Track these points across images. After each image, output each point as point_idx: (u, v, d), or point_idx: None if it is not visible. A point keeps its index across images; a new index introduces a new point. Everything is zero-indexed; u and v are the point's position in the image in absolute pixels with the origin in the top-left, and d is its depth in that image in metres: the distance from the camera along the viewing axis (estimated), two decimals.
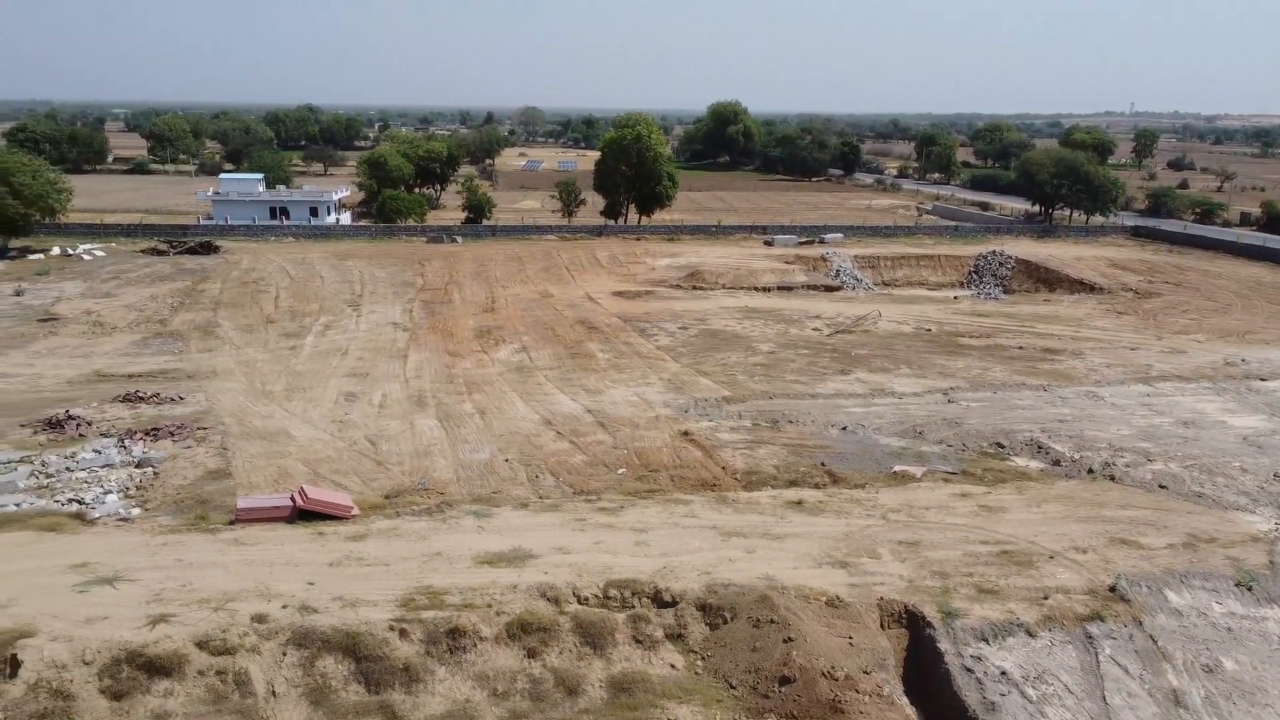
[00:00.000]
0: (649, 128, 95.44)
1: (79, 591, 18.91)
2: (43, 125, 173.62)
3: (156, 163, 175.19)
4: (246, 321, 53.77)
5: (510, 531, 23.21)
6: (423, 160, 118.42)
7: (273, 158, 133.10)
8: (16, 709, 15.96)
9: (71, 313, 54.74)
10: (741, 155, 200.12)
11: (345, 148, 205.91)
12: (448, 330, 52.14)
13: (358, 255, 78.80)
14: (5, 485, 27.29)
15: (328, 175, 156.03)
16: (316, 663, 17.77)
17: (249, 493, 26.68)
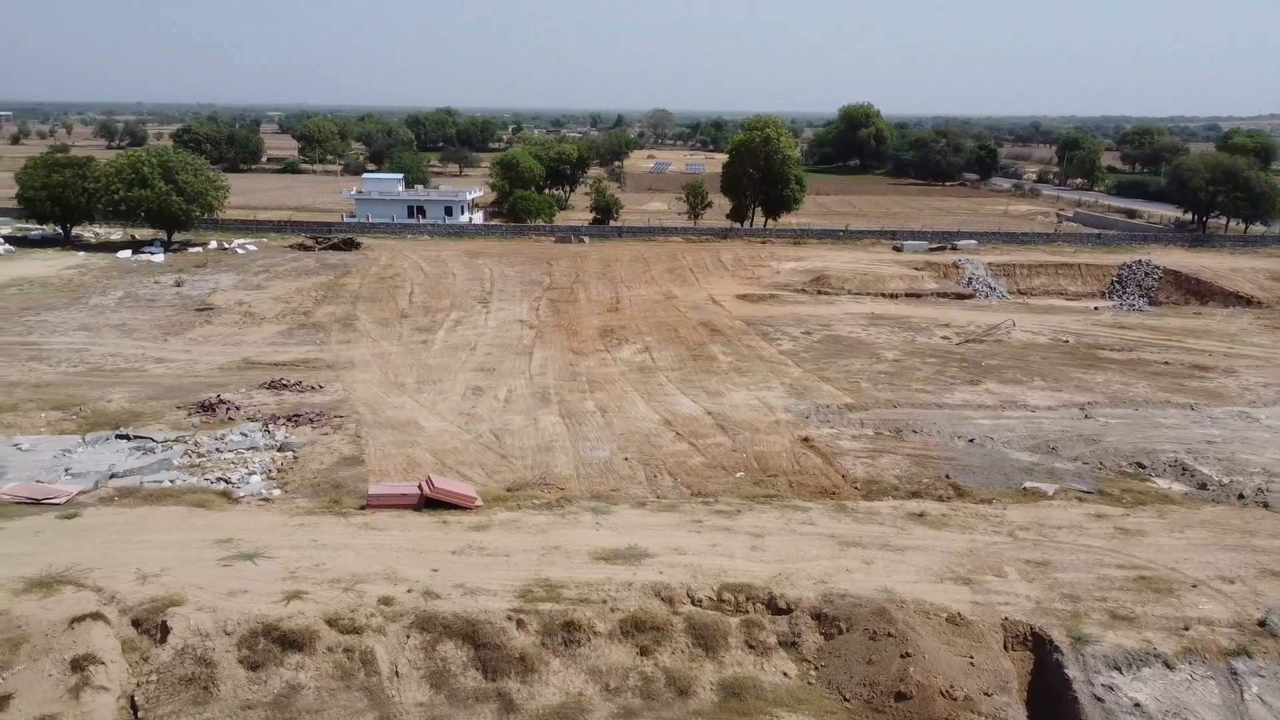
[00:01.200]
0: (778, 130, 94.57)
1: (223, 565, 20.08)
2: (205, 127, 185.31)
3: (306, 163, 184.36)
4: (383, 315, 55.98)
5: (627, 529, 23.42)
6: (553, 162, 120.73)
7: (412, 158, 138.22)
8: (166, 671, 17.08)
9: (225, 303, 58.18)
10: (872, 159, 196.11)
11: (480, 149, 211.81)
12: (572, 329, 52.99)
13: (488, 254, 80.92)
14: (162, 463, 29.25)
15: (463, 176, 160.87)
16: (437, 647, 18.35)
17: (380, 480, 27.78)
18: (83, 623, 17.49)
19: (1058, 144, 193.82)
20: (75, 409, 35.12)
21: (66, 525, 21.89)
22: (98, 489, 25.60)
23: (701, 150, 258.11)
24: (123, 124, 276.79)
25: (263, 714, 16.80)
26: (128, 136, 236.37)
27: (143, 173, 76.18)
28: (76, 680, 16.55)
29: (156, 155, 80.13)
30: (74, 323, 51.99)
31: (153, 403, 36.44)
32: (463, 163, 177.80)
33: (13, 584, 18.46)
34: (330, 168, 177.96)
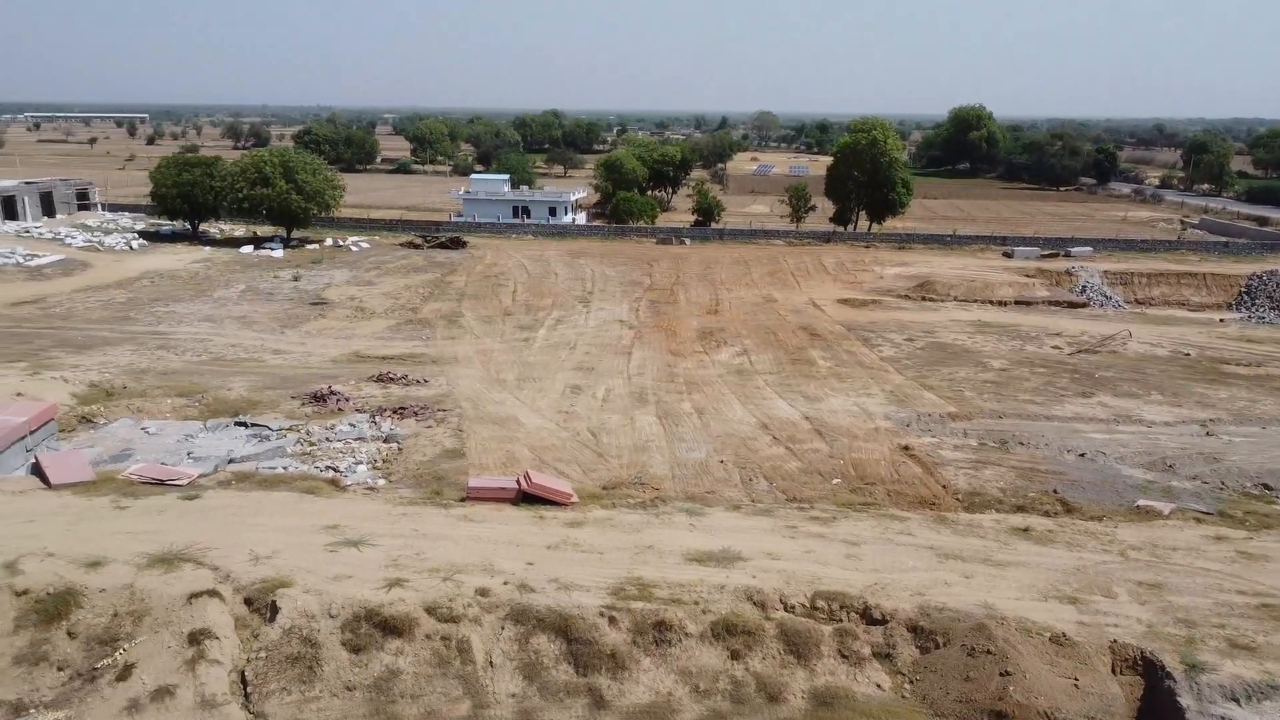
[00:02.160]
0: (884, 132, 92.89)
1: (329, 550, 20.82)
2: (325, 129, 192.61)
3: (417, 163, 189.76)
4: (486, 313, 57.19)
5: (721, 532, 23.36)
6: (657, 164, 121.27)
7: (518, 160, 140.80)
8: (274, 649, 17.82)
9: (338, 298, 60.36)
10: (983, 162, 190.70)
11: (585, 151, 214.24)
12: (671, 330, 53.12)
13: (590, 254, 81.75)
14: (276, 450, 30.54)
15: (567, 177, 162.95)
16: (531, 639, 18.64)
17: (480, 473, 28.40)
18: (200, 599, 18.36)
19: (1183, 147, 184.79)
20: (198, 396, 36.96)
21: (187, 506, 23.04)
22: (217, 473, 26.87)
23: (805, 153, 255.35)
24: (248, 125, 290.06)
25: (363, 696, 17.36)
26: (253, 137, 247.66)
27: (265, 172, 79.69)
28: (193, 653, 17.39)
29: (278, 155, 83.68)
30: (199, 314, 54.72)
31: (269, 392, 38.07)
32: (567, 164, 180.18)
33: (137, 559, 19.54)
34: (440, 168, 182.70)
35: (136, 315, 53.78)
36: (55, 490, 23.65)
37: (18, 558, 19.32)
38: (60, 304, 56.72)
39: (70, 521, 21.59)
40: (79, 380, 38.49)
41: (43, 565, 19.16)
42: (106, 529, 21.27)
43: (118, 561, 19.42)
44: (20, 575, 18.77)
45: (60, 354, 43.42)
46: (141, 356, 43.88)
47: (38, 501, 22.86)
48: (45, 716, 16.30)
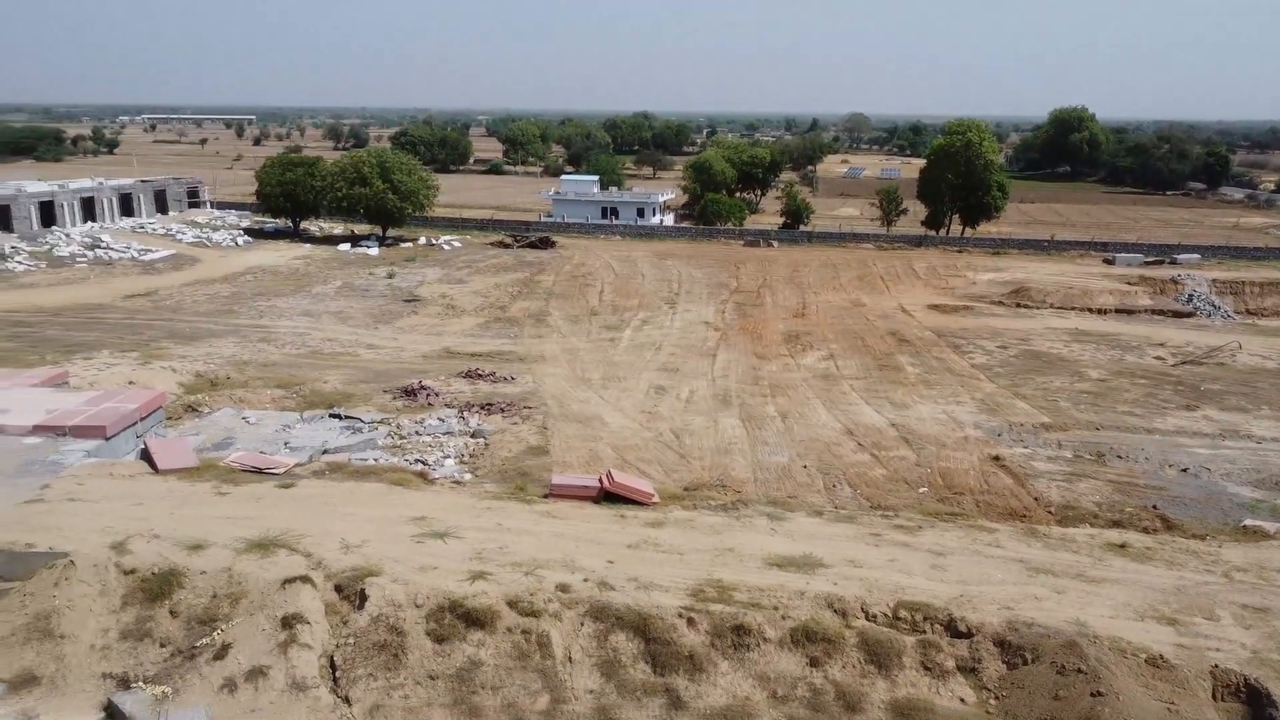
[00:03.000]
0: (980, 134, 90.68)
1: (416, 541, 21.32)
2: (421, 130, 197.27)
3: (509, 164, 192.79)
4: (573, 312, 57.76)
5: (802, 537, 23.14)
6: (746, 165, 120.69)
7: (608, 161, 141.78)
8: (362, 636, 18.34)
9: (430, 295, 61.76)
10: (1084, 165, 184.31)
11: (674, 152, 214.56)
12: (757, 333, 52.82)
13: (677, 255, 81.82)
14: (368, 442, 31.41)
15: (656, 178, 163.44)
16: (610, 637, 18.77)
17: (563, 470, 28.72)
18: (293, 584, 19.01)
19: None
20: (296, 388, 38.25)
21: (283, 494, 23.87)
22: (311, 462, 27.76)
23: (898, 155, 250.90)
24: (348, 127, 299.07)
25: (446, 685, 17.73)
26: (352, 138, 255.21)
27: (363, 172, 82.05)
28: (285, 636, 18.00)
29: (376, 156, 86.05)
30: (298, 309, 56.63)
31: (362, 385, 39.17)
32: (656, 165, 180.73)
33: (236, 544, 20.33)
34: (531, 169, 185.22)
35: (240, 309, 55.95)
36: (162, 475, 24.76)
37: (126, 538, 20.31)
38: (170, 297, 59.38)
39: (175, 505, 22.59)
40: (186, 370, 40.25)
41: (149, 546, 20.10)
42: (208, 513, 22.19)
43: (218, 545, 20.24)
44: (128, 555, 19.73)
45: (169, 345, 45.47)
46: (244, 349, 45.63)
47: (146, 485, 23.98)
48: (148, 690, 17.10)
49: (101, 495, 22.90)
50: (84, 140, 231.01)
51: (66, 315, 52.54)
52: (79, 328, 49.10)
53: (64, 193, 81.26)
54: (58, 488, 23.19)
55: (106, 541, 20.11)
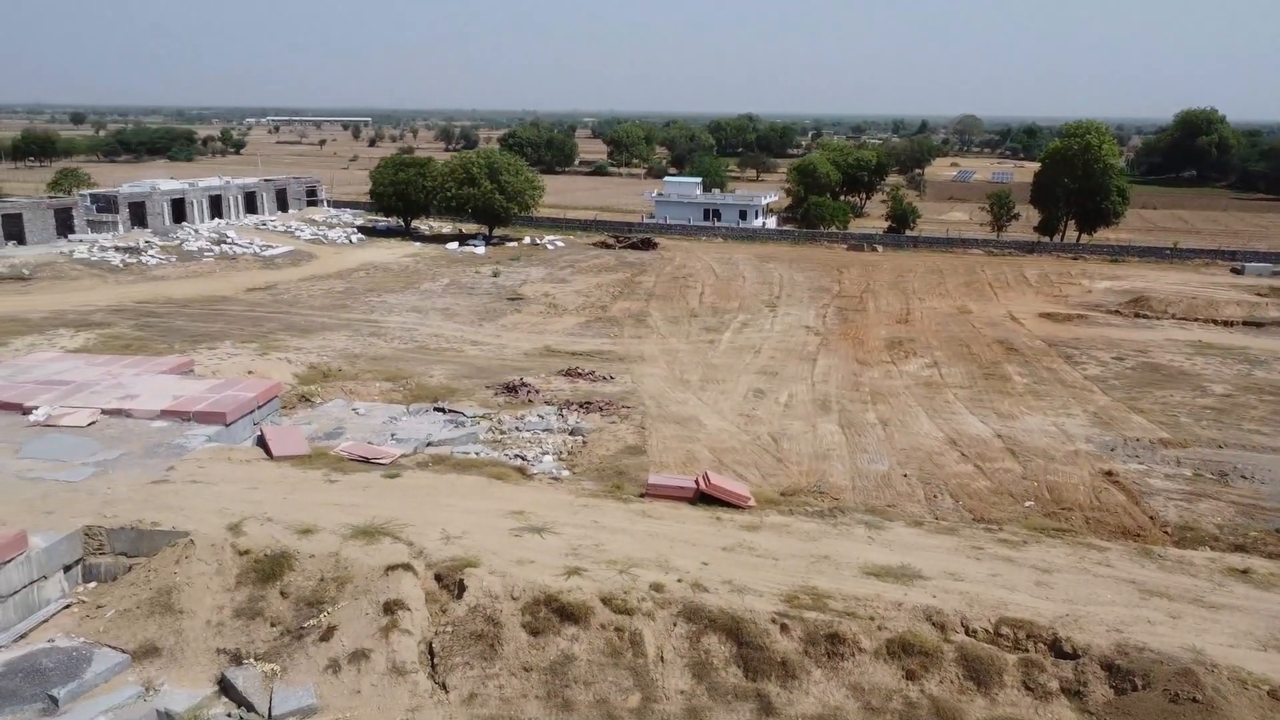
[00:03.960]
0: (1099, 137, 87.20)
1: (514, 535, 21.72)
2: (528, 132, 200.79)
3: (613, 166, 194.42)
4: (673, 314, 57.90)
5: (901, 547, 22.68)
6: (851, 168, 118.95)
7: (711, 163, 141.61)
8: (460, 625, 18.78)
9: (533, 294, 62.80)
10: (1212, 170, 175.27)
11: (778, 155, 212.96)
12: (858, 338, 52.00)
13: (779, 258, 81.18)
14: (470, 436, 32.14)
15: (759, 181, 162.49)
16: (702, 639, 18.76)
17: (659, 471, 28.83)
18: (395, 571, 19.59)
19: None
20: (403, 381, 39.42)
21: (389, 484, 24.62)
22: (416, 454, 28.54)
23: (1011, 158, 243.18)
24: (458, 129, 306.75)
25: (539, 677, 18.01)
26: (463, 140, 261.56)
27: (472, 173, 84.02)
28: (387, 622, 18.57)
29: (484, 157, 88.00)
30: (407, 305, 58.33)
31: (466, 381, 40.10)
32: (760, 168, 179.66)
33: (343, 530, 21.07)
34: (635, 171, 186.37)
35: (352, 304, 57.95)
36: (276, 461, 25.84)
37: (242, 520, 21.28)
38: (288, 291, 61.92)
39: (287, 490, 23.56)
40: (301, 362, 41.93)
41: (262, 529, 21.01)
42: (318, 500, 23.06)
43: (326, 530, 21.02)
44: (243, 536, 20.66)
45: (286, 337, 47.42)
46: (355, 342, 47.25)
47: (261, 470, 25.07)
48: (258, 667, 17.87)
49: (220, 478, 24.05)
50: (213, 141, 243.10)
51: (193, 307, 55.35)
52: (204, 319, 51.67)
53: (194, 191, 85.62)
54: (181, 470, 24.45)
55: (224, 523, 21.11)
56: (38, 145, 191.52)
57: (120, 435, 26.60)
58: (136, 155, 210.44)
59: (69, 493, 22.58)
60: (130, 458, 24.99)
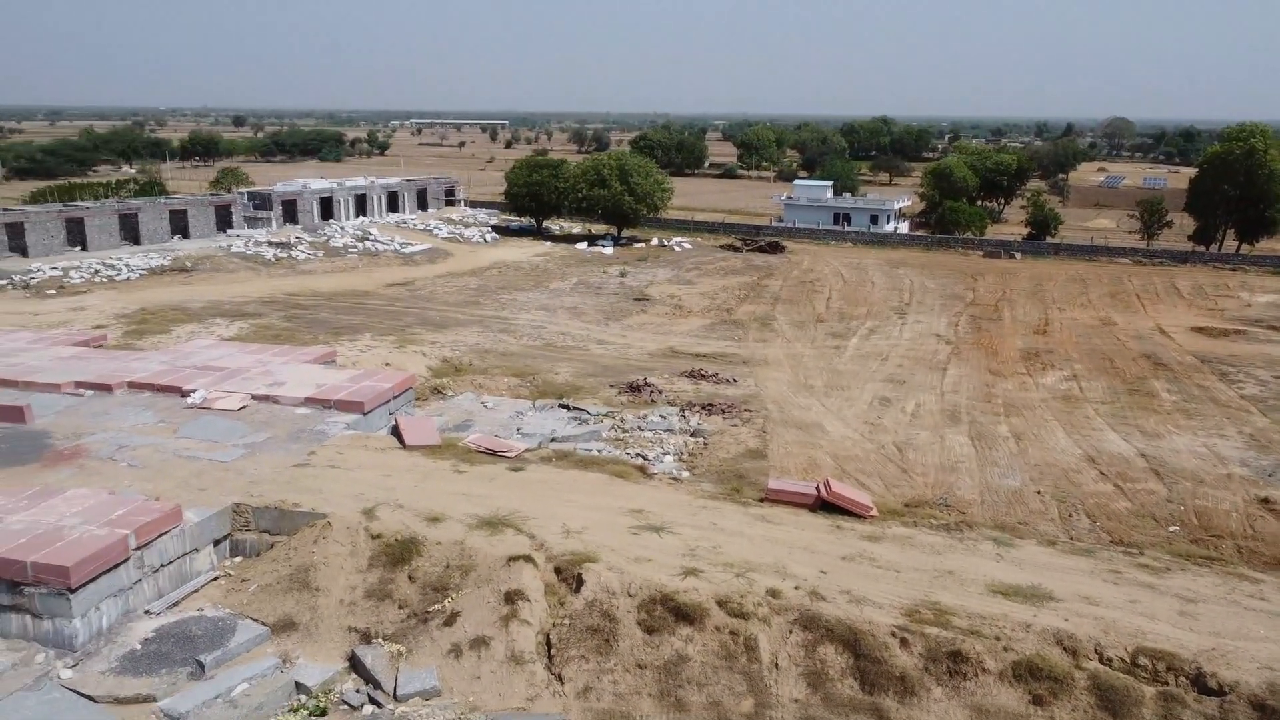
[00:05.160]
0: (1265, 141, 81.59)
1: (632, 533, 21.93)
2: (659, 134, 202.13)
3: (743, 169, 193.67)
4: (799, 318, 57.27)
5: (1031, 567, 21.80)
6: (989, 172, 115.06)
7: (843, 166, 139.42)
8: (577, 619, 19.10)
9: (659, 295, 63.21)
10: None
11: (913, 158, 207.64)
12: (992, 348, 50.23)
13: (910, 264, 79.22)
14: (593, 434, 32.62)
15: (892, 185, 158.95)
16: (818, 648, 18.51)
17: (780, 476, 28.58)
18: (517, 562, 20.07)
19: None
20: (530, 378, 40.33)
21: (513, 477, 25.24)
22: (540, 449, 29.18)
23: (1164, 163, 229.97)
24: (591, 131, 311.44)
25: (653, 675, 18.14)
26: (595, 142, 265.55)
27: (603, 174, 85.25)
28: (507, 611, 19.06)
29: (615, 159, 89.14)
30: (536, 303, 59.65)
31: (590, 379, 40.71)
32: (893, 171, 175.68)
33: (468, 520, 21.73)
34: (764, 174, 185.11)
35: (484, 301, 59.66)
36: (408, 450, 26.86)
37: (375, 505, 22.22)
38: (425, 287, 64.23)
39: (418, 479, 24.46)
40: (434, 355, 43.45)
41: (394, 514, 21.89)
42: (446, 489, 23.86)
43: (453, 519, 21.73)
44: (376, 521, 21.57)
45: (421, 331, 49.22)
46: (486, 338, 48.63)
47: (394, 459, 26.11)
48: (386, 647, 18.64)
49: (357, 464, 25.17)
50: (360, 143, 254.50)
51: (337, 300, 58.08)
52: (346, 312, 54.15)
53: (341, 190, 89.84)
54: (321, 455, 25.70)
55: (359, 507, 22.08)
56: (202, 146, 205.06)
57: (267, 420, 28.18)
58: (290, 156, 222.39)
59: (220, 472, 24.07)
60: (275, 441, 26.44)
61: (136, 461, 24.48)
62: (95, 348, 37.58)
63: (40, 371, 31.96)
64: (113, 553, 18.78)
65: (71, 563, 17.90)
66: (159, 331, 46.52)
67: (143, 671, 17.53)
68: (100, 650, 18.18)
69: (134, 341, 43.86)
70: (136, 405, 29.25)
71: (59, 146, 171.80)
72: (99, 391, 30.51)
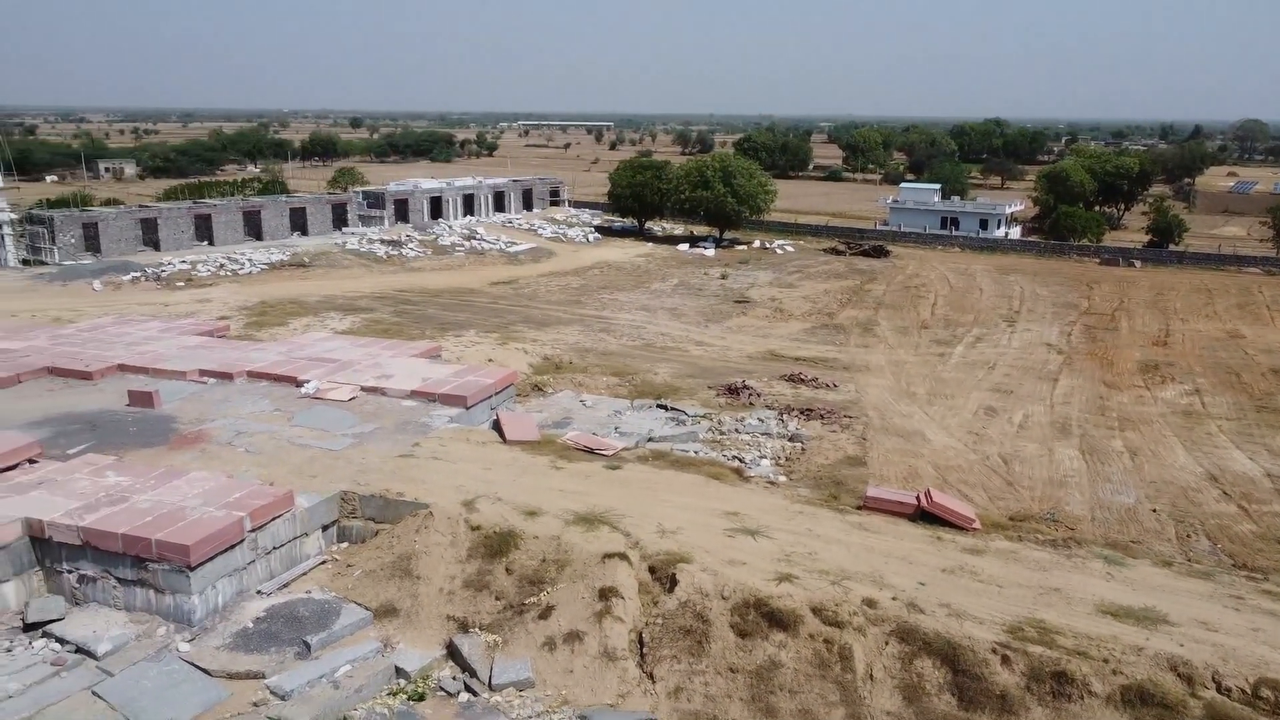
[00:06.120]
0: None
1: (727, 535, 21.87)
2: (763, 136, 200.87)
3: (848, 171, 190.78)
4: (902, 324, 56.11)
5: (1145, 588, 20.87)
6: (1108, 176, 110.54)
7: (952, 169, 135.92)
8: (669, 619, 19.16)
9: (759, 298, 62.82)
10: None
11: (1027, 161, 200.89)
12: (1107, 359, 48.26)
13: (1021, 270, 76.76)
14: (690, 434, 32.63)
15: (1004, 189, 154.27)
16: (915, 661, 18.12)
17: (879, 484, 28.06)
18: (611, 560, 20.25)
19: None
20: (628, 377, 40.60)
21: (609, 475, 25.46)
22: (637, 448, 29.34)
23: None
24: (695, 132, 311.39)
25: (744, 680, 18.05)
26: (699, 144, 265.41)
27: (706, 176, 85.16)
28: (601, 607, 19.24)
29: (719, 161, 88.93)
30: (636, 303, 59.99)
31: (688, 380, 40.73)
32: (1005, 175, 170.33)
33: (565, 515, 22.03)
34: (870, 177, 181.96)
35: (586, 300, 60.32)
36: (508, 445, 27.39)
37: (475, 498, 22.73)
38: (528, 286, 65.34)
39: (517, 474, 24.91)
40: (536, 353, 44.17)
41: (493, 507, 22.35)
42: (544, 484, 24.23)
43: (550, 514, 22.06)
44: (476, 513, 22.07)
45: (523, 329, 50.09)
46: (586, 337, 49.17)
47: (495, 453, 26.65)
48: (482, 636, 19.05)
49: (459, 457, 25.79)
50: (469, 144, 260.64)
51: (444, 297, 59.60)
52: (452, 309, 55.52)
53: (450, 189, 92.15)
54: (425, 446, 26.43)
55: (459, 499, 22.63)
56: (322, 147, 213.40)
57: (375, 411, 29.13)
58: (403, 156, 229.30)
59: (330, 459, 25.00)
60: (383, 432, 27.31)
61: (253, 447, 25.62)
62: (218, 338, 39.52)
63: (168, 359, 33.77)
64: (229, 534, 19.71)
65: (192, 541, 18.86)
66: (277, 324, 48.58)
67: (253, 649, 18.35)
68: (215, 626, 19.11)
69: (254, 333, 45.92)
70: (255, 393, 30.62)
71: (190, 147, 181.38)
72: (221, 379, 32.06)
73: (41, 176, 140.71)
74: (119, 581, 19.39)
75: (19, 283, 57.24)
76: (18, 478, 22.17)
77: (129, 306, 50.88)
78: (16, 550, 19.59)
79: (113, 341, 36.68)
